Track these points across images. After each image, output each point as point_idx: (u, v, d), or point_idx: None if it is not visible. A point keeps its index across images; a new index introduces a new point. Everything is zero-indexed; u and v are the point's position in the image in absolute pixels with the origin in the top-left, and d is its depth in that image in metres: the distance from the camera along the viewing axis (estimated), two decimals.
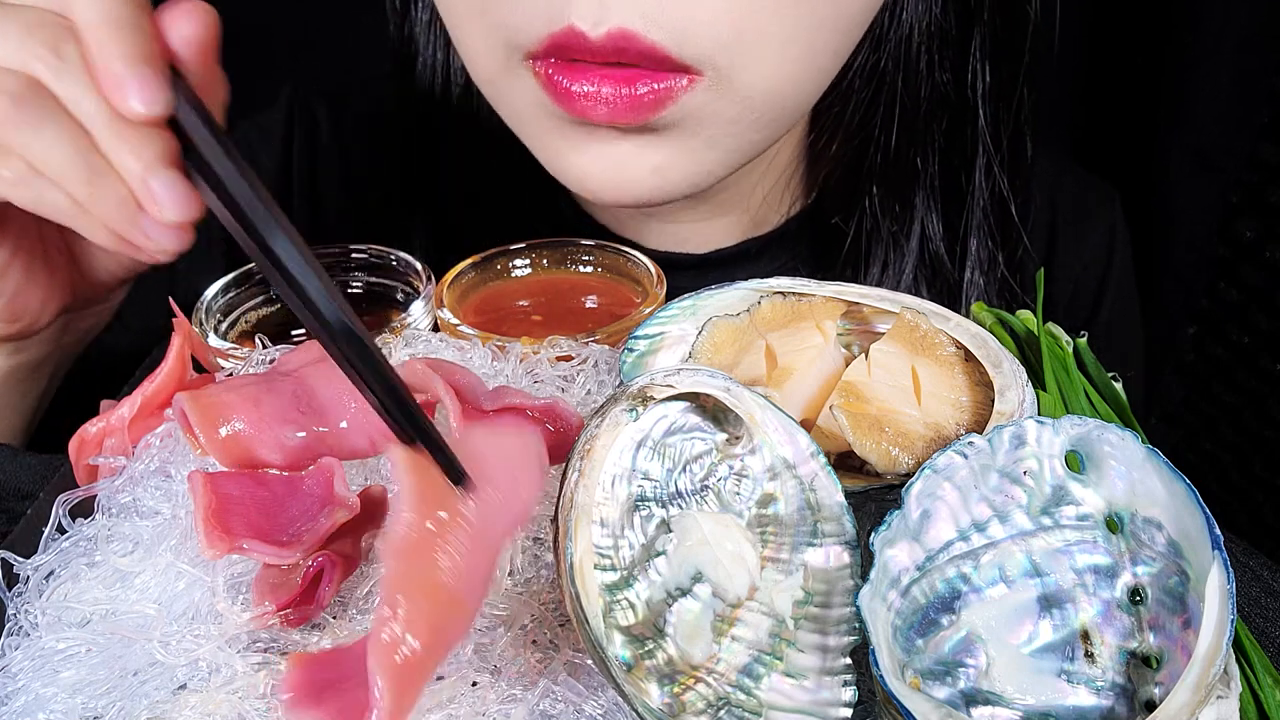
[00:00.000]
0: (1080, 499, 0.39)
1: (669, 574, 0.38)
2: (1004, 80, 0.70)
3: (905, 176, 0.71)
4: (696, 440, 0.40)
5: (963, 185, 0.72)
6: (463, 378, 0.46)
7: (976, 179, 0.71)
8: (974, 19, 0.68)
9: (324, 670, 0.32)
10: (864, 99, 0.69)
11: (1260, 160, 0.99)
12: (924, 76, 0.68)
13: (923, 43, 0.67)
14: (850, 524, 0.39)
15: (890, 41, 0.67)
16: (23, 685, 0.37)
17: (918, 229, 0.72)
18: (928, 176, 0.71)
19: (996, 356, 0.46)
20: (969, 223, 0.72)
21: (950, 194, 0.72)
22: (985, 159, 0.71)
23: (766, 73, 0.56)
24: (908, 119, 0.69)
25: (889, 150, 0.70)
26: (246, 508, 0.39)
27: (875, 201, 0.71)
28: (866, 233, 0.72)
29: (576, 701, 0.36)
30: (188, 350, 0.48)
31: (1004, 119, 0.70)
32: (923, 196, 0.71)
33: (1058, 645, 0.38)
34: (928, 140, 0.70)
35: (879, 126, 0.69)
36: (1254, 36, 0.98)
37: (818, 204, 0.76)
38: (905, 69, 0.67)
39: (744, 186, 0.73)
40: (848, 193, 0.72)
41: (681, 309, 0.49)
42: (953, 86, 0.69)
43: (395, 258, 0.62)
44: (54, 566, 0.41)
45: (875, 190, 0.71)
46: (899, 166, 0.70)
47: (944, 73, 0.69)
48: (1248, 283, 1.02)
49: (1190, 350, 1.09)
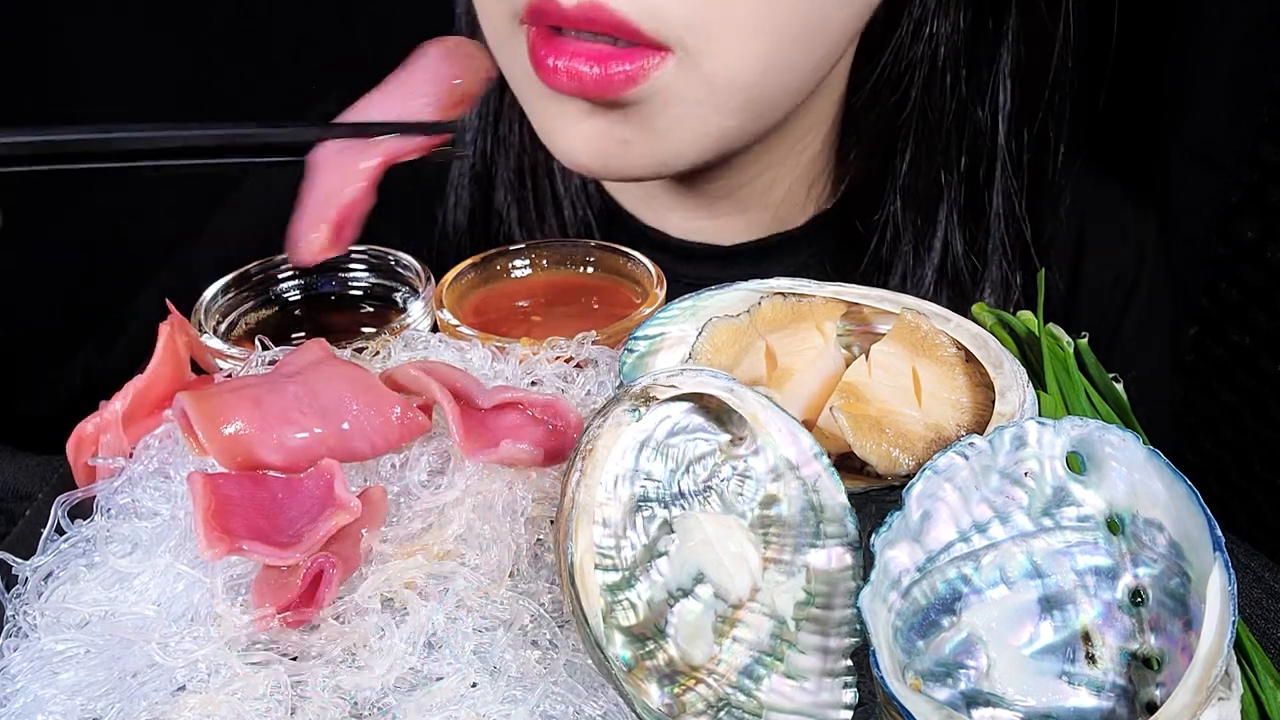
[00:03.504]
0: (1081, 500, 0.39)
1: (671, 574, 0.38)
2: (1026, 102, 0.70)
3: (929, 191, 0.71)
4: (699, 441, 0.40)
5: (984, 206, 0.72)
6: (460, 379, 0.46)
7: (995, 201, 0.71)
8: (1000, 39, 0.68)
9: None
10: (888, 110, 0.69)
11: (1260, 159, 0.99)
12: (948, 92, 0.69)
13: (948, 58, 0.68)
14: (853, 525, 0.39)
15: (914, 56, 0.67)
16: (21, 687, 0.37)
17: (939, 244, 0.72)
18: (951, 191, 0.71)
19: (997, 357, 0.46)
20: (987, 245, 0.72)
21: (974, 211, 0.72)
22: (1004, 181, 0.71)
23: (731, 59, 0.57)
24: (930, 134, 0.69)
25: (911, 163, 0.70)
26: (246, 509, 0.39)
27: (898, 214, 0.72)
28: (888, 243, 0.72)
29: (577, 702, 0.36)
30: (178, 342, 0.48)
31: (1025, 141, 0.71)
32: (946, 211, 0.72)
33: (1059, 646, 0.38)
34: (952, 155, 0.71)
35: (902, 138, 0.70)
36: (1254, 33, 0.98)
37: (842, 207, 0.76)
38: (929, 84, 0.68)
39: (762, 182, 0.74)
40: (871, 201, 0.73)
41: (681, 310, 0.49)
42: (976, 105, 0.70)
43: (395, 258, 0.62)
44: (53, 568, 0.41)
45: (899, 202, 0.71)
46: (922, 180, 0.71)
47: (969, 89, 0.69)
48: (1248, 283, 1.02)
49: (1190, 350, 1.09)
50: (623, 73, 0.56)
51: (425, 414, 0.45)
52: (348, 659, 0.37)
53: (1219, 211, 1.04)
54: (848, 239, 0.75)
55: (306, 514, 0.40)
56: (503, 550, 0.40)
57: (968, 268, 0.72)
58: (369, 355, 0.52)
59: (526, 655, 0.37)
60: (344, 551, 0.39)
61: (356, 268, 0.62)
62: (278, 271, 0.62)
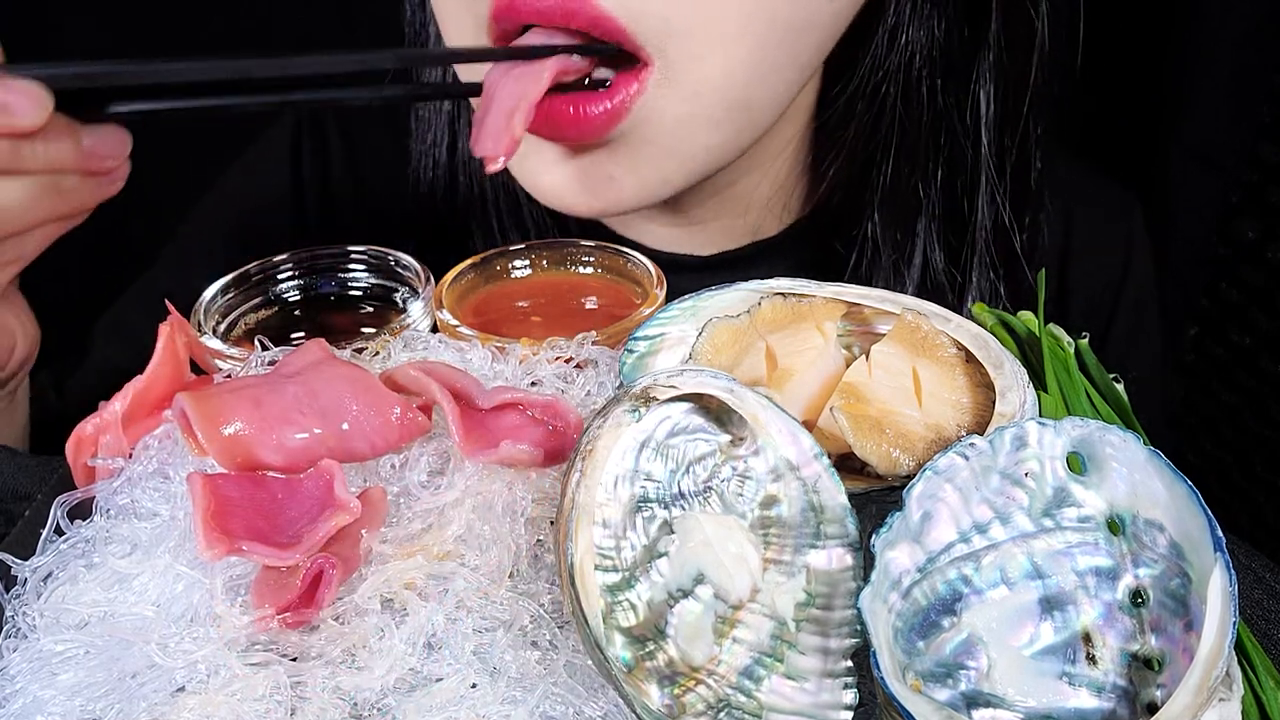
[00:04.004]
0: (1082, 500, 0.39)
1: (671, 575, 0.38)
2: (1008, 109, 0.68)
3: (907, 203, 0.70)
4: (700, 441, 0.40)
5: (965, 214, 0.71)
6: (459, 380, 0.46)
7: (979, 208, 0.70)
8: (979, 45, 0.67)
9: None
10: (865, 122, 0.68)
11: (1260, 159, 0.99)
12: (925, 102, 0.67)
13: (925, 66, 0.66)
14: (853, 526, 0.39)
15: (890, 64, 0.65)
16: (20, 688, 0.37)
17: (919, 258, 0.71)
18: (930, 204, 0.70)
19: (998, 358, 0.46)
20: (970, 253, 0.71)
21: (954, 223, 0.71)
22: (988, 188, 0.70)
23: (716, 65, 0.55)
24: (909, 145, 0.68)
25: (890, 175, 0.69)
26: (246, 509, 0.39)
27: (877, 228, 0.70)
28: (867, 259, 0.71)
29: (577, 703, 0.36)
30: (177, 343, 0.48)
31: (1008, 148, 0.69)
32: (925, 224, 0.70)
33: (1059, 647, 0.38)
34: (930, 167, 0.69)
35: (880, 150, 0.68)
36: (1254, 33, 0.98)
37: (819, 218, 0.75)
38: (906, 94, 0.67)
39: (736, 191, 0.73)
40: (849, 215, 0.72)
41: (681, 310, 0.49)
42: (955, 114, 0.68)
43: (395, 258, 0.62)
44: (52, 568, 0.41)
45: (877, 216, 0.70)
46: (901, 193, 0.70)
47: (947, 98, 0.67)
48: (1248, 283, 1.02)
49: (1190, 351, 1.09)
50: (603, 112, 0.55)
51: (425, 414, 0.45)
52: (347, 660, 0.37)
53: (1219, 211, 1.04)
54: (826, 251, 0.74)
55: (306, 514, 0.40)
56: (502, 551, 0.40)
57: (948, 280, 0.72)
58: (369, 355, 0.52)
59: (526, 656, 0.37)
60: (343, 552, 0.39)
61: (356, 268, 0.62)
62: (277, 272, 0.61)
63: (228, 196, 0.84)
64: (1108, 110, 1.10)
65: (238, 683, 0.36)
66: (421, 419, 0.44)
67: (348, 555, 0.39)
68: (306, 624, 0.38)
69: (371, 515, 0.41)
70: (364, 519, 0.40)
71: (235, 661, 0.36)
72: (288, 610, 0.38)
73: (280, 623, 0.38)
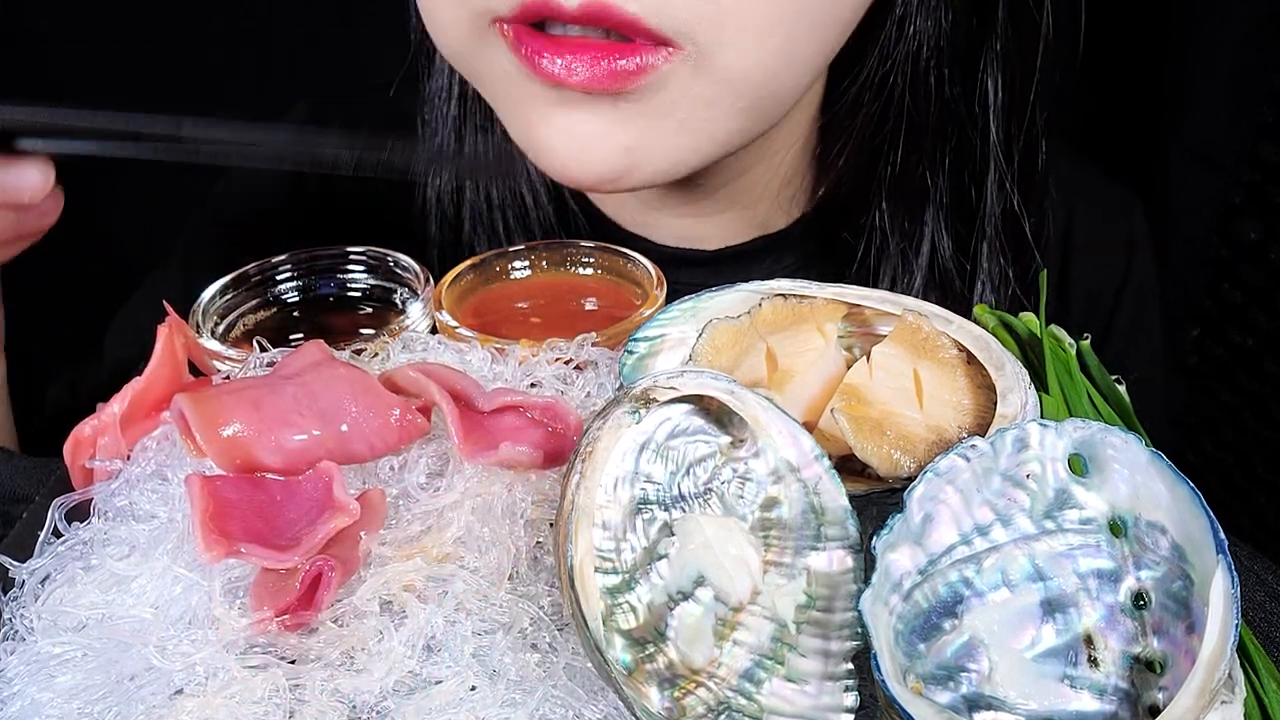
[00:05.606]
0: (1083, 502, 0.39)
1: (671, 577, 0.38)
2: (1016, 96, 0.69)
3: (915, 192, 0.70)
4: (700, 443, 0.40)
5: (973, 202, 0.71)
6: (459, 381, 0.45)
7: (988, 195, 0.70)
8: (985, 35, 0.67)
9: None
10: (873, 113, 0.68)
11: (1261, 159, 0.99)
12: (933, 92, 0.67)
13: (932, 57, 0.66)
14: (854, 528, 0.39)
15: (898, 55, 0.66)
16: (18, 690, 0.37)
17: (927, 246, 0.71)
18: (938, 193, 0.70)
19: (999, 359, 0.46)
20: (980, 239, 0.71)
21: (961, 211, 0.71)
22: (997, 175, 0.70)
23: (745, 54, 0.55)
24: (917, 134, 0.68)
25: (898, 165, 0.69)
26: (244, 511, 0.39)
27: (884, 217, 0.71)
28: (875, 248, 0.71)
29: (576, 706, 0.36)
30: (176, 344, 0.48)
31: (1015, 135, 0.70)
32: (932, 213, 0.71)
33: (1061, 650, 0.38)
34: (937, 156, 0.70)
35: (888, 141, 0.69)
36: (1254, 33, 0.98)
37: (826, 209, 0.75)
38: (914, 83, 0.67)
39: (744, 183, 0.73)
40: (857, 205, 0.72)
41: (681, 311, 0.49)
42: (963, 102, 0.68)
43: (394, 259, 0.61)
44: (49, 570, 0.41)
45: (884, 206, 0.70)
46: (908, 182, 0.70)
47: (954, 88, 0.68)
48: (1249, 283, 1.02)
49: (1192, 352, 1.09)
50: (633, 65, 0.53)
51: (424, 416, 0.45)
52: (346, 662, 0.37)
53: (1220, 212, 1.04)
54: (834, 243, 0.74)
55: (305, 516, 0.40)
56: (502, 553, 0.40)
57: (956, 268, 0.72)
58: (368, 357, 0.51)
59: (526, 658, 0.37)
60: (342, 554, 0.39)
61: (355, 269, 0.62)
62: (276, 273, 0.61)
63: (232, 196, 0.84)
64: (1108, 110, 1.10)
65: (236, 685, 0.36)
66: (421, 421, 0.44)
67: (347, 557, 0.39)
68: (305, 626, 0.38)
69: (370, 517, 0.40)
70: (363, 521, 0.40)
71: (234, 664, 0.36)
72: (286, 612, 0.38)
73: (279, 625, 0.38)
